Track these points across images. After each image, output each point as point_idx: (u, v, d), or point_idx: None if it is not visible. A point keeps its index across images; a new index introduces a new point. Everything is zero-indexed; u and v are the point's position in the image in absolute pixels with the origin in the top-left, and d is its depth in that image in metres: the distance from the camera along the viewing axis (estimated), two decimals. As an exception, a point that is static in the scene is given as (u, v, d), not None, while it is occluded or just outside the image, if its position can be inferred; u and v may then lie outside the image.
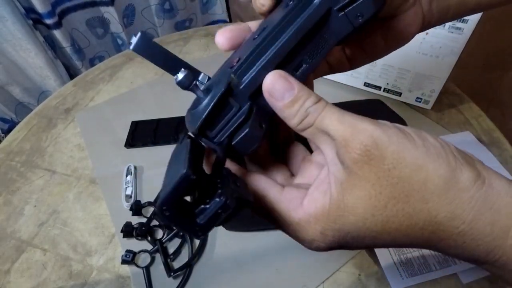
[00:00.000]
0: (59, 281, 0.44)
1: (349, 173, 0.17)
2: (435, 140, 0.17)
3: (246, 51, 0.19)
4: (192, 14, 1.26)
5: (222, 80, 0.19)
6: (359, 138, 0.16)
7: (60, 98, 0.71)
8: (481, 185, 0.16)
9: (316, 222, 0.18)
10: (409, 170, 0.16)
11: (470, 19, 0.48)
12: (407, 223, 0.16)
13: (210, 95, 0.18)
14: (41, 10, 0.89)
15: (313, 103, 0.18)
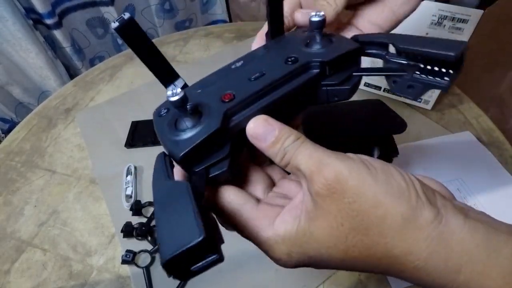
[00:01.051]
0: (59, 281, 0.44)
1: (315, 204, 0.18)
2: (400, 177, 0.18)
3: (241, 90, 0.21)
4: (192, 14, 1.26)
5: (213, 114, 0.20)
6: (322, 172, 0.18)
7: (60, 98, 0.71)
8: (437, 224, 0.17)
9: (283, 243, 0.19)
10: (368, 205, 0.17)
11: (470, 19, 0.48)
12: (366, 253, 0.18)
13: (202, 127, 0.19)
14: (41, 10, 0.89)
15: (291, 142, 0.19)
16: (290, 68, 0.21)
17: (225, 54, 0.77)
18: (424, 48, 0.20)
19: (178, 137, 0.19)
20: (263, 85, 0.21)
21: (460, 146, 0.55)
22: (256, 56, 0.24)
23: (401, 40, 0.21)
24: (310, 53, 0.22)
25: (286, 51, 0.23)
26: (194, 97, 0.21)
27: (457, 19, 0.49)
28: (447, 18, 0.49)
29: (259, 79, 0.21)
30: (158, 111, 0.22)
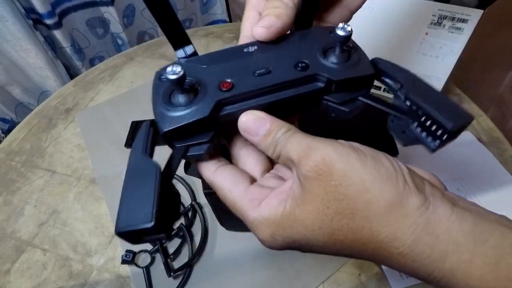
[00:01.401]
0: (59, 281, 0.44)
1: (302, 189, 0.18)
2: (389, 163, 0.18)
3: (242, 82, 0.21)
4: (192, 14, 1.26)
5: (207, 100, 0.20)
6: (311, 156, 0.18)
7: (60, 98, 0.71)
8: (424, 211, 0.17)
9: (267, 225, 0.20)
10: (354, 189, 0.17)
11: (470, 19, 0.48)
12: (351, 237, 0.18)
13: (191, 110, 0.20)
14: (41, 10, 0.89)
15: (282, 134, 0.20)
16: (296, 74, 0.21)
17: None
18: (429, 105, 0.19)
19: (168, 111, 0.20)
20: (264, 85, 0.20)
21: (460, 146, 0.55)
22: (270, 48, 0.22)
23: (413, 88, 0.21)
24: (322, 65, 0.21)
25: (300, 52, 0.22)
26: (196, 72, 0.21)
27: (457, 19, 0.49)
28: (447, 18, 0.49)
29: (262, 77, 0.21)
30: (160, 73, 0.22)
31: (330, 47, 0.22)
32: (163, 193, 0.17)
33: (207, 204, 0.41)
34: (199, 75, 0.21)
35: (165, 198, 0.17)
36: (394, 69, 0.22)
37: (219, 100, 0.20)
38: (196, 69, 0.21)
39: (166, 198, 0.18)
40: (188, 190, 0.51)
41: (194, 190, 0.51)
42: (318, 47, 0.22)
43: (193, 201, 0.49)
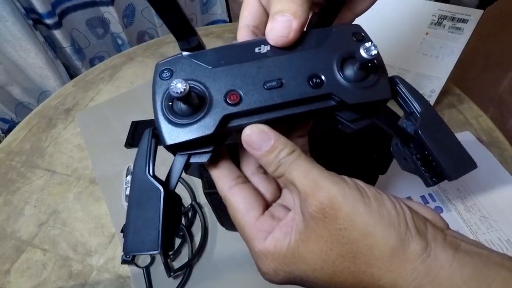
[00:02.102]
0: (59, 281, 0.44)
1: (306, 225, 0.18)
2: (392, 206, 0.18)
3: (250, 95, 0.19)
4: (192, 14, 1.26)
5: (212, 114, 0.18)
6: (317, 195, 0.18)
7: (60, 98, 0.71)
8: (426, 258, 0.17)
9: (272, 260, 0.20)
10: (358, 233, 0.17)
11: (470, 19, 0.48)
12: (351, 280, 0.18)
13: (195, 125, 0.18)
14: (41, 10, 0.89)
15: (286, 154, 0.19)
16: (310, 92, 0.19)
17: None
18: (436, 148, 0.19)
19: (171, 122, 0.19)
20: (275, 102, 0.19)
21: (460, 146, 0.55)
22: (284, 52, 0.20)
23: (426, 124, 0.20)
24: (338, 83, 0.19)
25: (316, 62, 0.20)
26: (201, 75, 0.19)
27: (457, 19, 0.49)
28: (447, 18, 0.49)
29: (273, 91, 0.19)
30: (160, 70, 0.20)
31: (349, 57, 0.20)
32: (168, 215, 0.18)
33: (207, 204, 0.41)
34: (204, 80, 0.19)
35: (170, 219, 0.18)
36: (412, 94, 0.21)
37: (225, 115, 0.19)
38: (200, 71, 0.19)
39: (170, 219, 0.18)
40: (188, 190, 0.51)
41: (194, 190, 0.51)
42: (336, 56, 0.20)
43: (193, 201, 0.49)
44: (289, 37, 0.19)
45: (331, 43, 0.20)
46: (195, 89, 0.19)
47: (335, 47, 0.20)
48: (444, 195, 0.49)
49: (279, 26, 0.19)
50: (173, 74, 0.20)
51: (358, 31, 0.21)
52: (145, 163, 0.20)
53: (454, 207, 0.47)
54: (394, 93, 0.21)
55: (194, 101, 0.18)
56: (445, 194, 0.49)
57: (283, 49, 0.20)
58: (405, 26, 0.53)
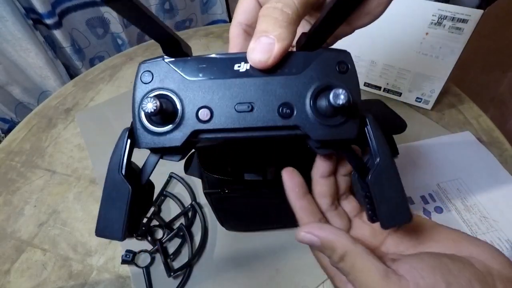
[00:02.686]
0: (59, 281, 0.44)
1: None
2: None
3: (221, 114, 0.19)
4: (192, 14, 1.26)
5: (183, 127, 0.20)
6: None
7: (60, 98, 0.71)
8: None
9: None
10: None
11: (470, 19, 0.48)
12: None
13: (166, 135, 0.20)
14: (41, 10, 0.89)
15: (339, 259, 0.20)
16: (277, 121, 0.20)
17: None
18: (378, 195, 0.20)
19: (145, 128, 0.20)
20: (242, 126, 0.20)
21: (460, 146, 0.55)
22: (261, 75, 0.20)
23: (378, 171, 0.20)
24: (306, 116, 0.20)
25: (290, 89, 0.20)
26: (178, 86, 0.20)
27: (457, 19, 0.49)
28: (447, 18, 0.49)
29: (243, 114, 0.20)
30: (142, 71, 0.20)
31: (325, 89, 0.19)
32: (133, 209, 0.20)
33: (207, 204, 0.41)
34: (180, 91, 0.20)
35: (136, 211, 0.21)
36: (376, 141, 0.20)
37: (195, 131, 0.20)
38: (177, 81, 0.20)
39: (137, 210, 0.21)
40: (188, 190, 0.51)
41: (194, 190, 0.51)
42: (312, 87, 0.20)
43: (193, 201, 0.49)
44: (268, 62, 0.19)
45: (312, 71, 0.20)
46: (168, 101, 0.20)
47: (315, 77, 0.20)
48: (444, 195, 0.49)
49: (260, 48, 0.19)
50: (153, 78, 0.20)
51: (344, 61, 0.20)
52: (119, 162, 0.21)
53: (454, 207, 0.47)
54: (361, 133, 0.20)
55: (166, 114, 0.19)
56: (445, 194, 0.49)
57: (263, 70, 0.20)
58: (405, 26, 0.53)
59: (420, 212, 0.47)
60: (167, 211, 0.50)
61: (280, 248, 0.45)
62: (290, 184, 0.24)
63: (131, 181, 0.21)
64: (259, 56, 0.19)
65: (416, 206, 0.48)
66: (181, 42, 0.20)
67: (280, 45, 0.19)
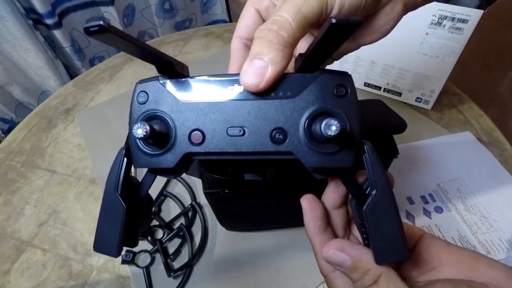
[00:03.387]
0: (59, 281, 0.44)
1: None
2: None
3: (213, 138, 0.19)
4: (192, 14, 1.26)
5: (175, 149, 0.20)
6: None
7: (60, 98, 0.71)
8: None
9: None
10: None
11: (470, 19, 0.48)
12: None
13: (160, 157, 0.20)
14: (41, 10, 0.89)
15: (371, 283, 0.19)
16: (269, 147, 0.19)
17: (225, 54, 0.77)
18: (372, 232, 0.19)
19: (140, 149, 0.20)
20: (233, 150, 0.19)
21: (460, 146, 0.55)
22: (254, 99, 0.19)
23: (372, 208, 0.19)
24: (300, 143, 0.19)
25: (283, 114, 0.19)
26: (172, 108, 0.20)
27: (457, 19, 0.49)
28: (447, 18, 0.49)
29: (235, 138, 0.19)
30: (138, 91, 0.21)
31: (320, 115, 0.19)
32: (127, 227, 0.21)
33: (207, 204, 0.41)
34: (173, 113, 0.20)
35: (131, 227, 0.21)
36: (374, 169, 0.19)
37: (187, 153, 0.20)
38: (171, 103, 0.20)
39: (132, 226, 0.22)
40: (188, 190, 0.51)
41: (194, 190, 0.51)
42: (306, 113, 0.19)
43: (193, 201, 0.49)
44: (259, 86, 0.18)
45: (308, 95, 0.19)
46: (162, 122, 0.20)
47: (310, 101, 0.19)
48: (444, 195, 0.49)
49: (252, 71, 0.18)
50: (148, 99, 0.21)
51: (343, 84, 0.19)
52: (115, 181, 0.21)
53: (454, 207, 0.47)
54: (358, 160, 0.19)
55: (158, 138, 0.19)
56: (445, 194, 0.49)
57: (256, 93, 0.19)
58: (405, 26, 0.53)
59: (420, 212, 0.47)
60: (167, 211, 0.50)
61: (280, 248, 0.45)
62: (311, 216, 0.22)
63: (129, 196, 0.21)
64: (251, 79, 0.18)
65: (416, 206, 0.48)
66: (175, 63, 0.20)
67: (273, 69, 0.18)
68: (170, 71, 0.20)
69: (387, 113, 0.39)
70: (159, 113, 0.20)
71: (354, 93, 0.19)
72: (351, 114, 0.18)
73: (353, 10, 0.21)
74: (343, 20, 0.14)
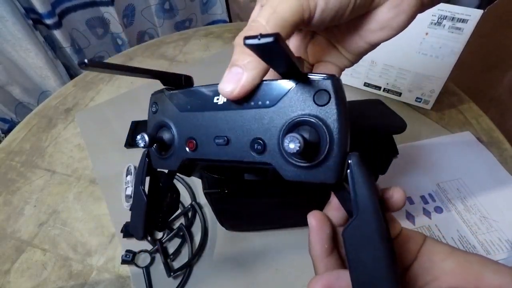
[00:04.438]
0: (59, 281, 0.44)
1: None
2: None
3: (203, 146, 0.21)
4: (192, 14, 1.26)
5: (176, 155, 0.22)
6: None
7: (60, 98, 0.71)
8: None
9: None
10: None
11: (470, 19, 0.48)
12: None
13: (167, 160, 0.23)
14: (41, 10, 0.89)
15: None
16: (250, 157, 0.19)
17: (225, 54, 0.77)
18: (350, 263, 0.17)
19: (154, 152, 0.23)
20: (221, 158, 0.20)
21: (460, 146, 0.55)
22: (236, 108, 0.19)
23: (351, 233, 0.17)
24: (278, 154, 0.18)
25: (263, 125, 0.18)
26: (171, 117, 0.22)
27: (457, 19, 0.49)
28: (446, 18, 0.49)
29: (221, 147, 0.20)
30: (151, 103, 0.24)
31: (296, 125, 0.17)
32: (149, 216, 0.24)
33: (207, 204, 0.41)
34: (174, 123, 0.22)
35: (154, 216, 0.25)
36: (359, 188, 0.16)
37: (185, 159, 0.22)
38: (172, 113, 0.22)
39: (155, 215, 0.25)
40: (188, 190, 0.51)
41: (194, 190, 0.51)
42: (282, 121, 0.18)
43: (193, 201, 0.49)
44: (234, 93, 0.18)
45: (286, 103, 0.18)
46: (169, 130, 0.22)
47: (288, 110, 0.18)
48: (444, 195, 0.49)
49: (228, 78, 0.18)
50: (157, 109, 0.23)
51: (325, 90, 0.17)
52: (141, 177, 0.24)
53: (454, 207, 0.47)
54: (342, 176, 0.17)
55: (161, 145, 0.22)
56: (445, 194, 0.49)
57: (237, 102, 0.19)
58: (405, 26, 0.53)
59: (420, 212, 0.47)
60: (167, 211, 0.50)
61: (280, 248, 0.45)
62: (318, 237, 0.20)
63: (154, 188, 0.25)
64: (226, 86, 0.18)
65: (416, 206, 0.48)
66: (171, 76, 0.22)
67: (247, 76, 0.17)
68: (172, 83, 0.22)
69: (387, 113, 0.39)
70: (164, 123, 0.22)
71: (339, 100, 0.17)
72: (333, 123, 0.16)
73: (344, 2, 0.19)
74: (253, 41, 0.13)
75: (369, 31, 0.22)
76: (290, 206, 0.40)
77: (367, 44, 0.23)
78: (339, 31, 0.24)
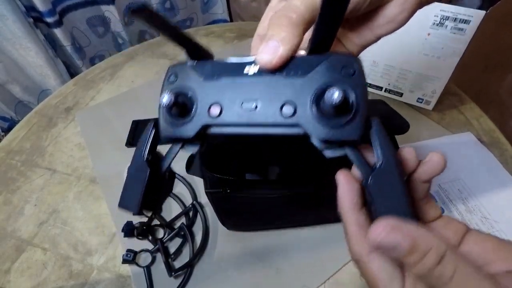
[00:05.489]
0: (59, 281, 0.44)
1: None
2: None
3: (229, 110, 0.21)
4: (193, 13, 1.25)
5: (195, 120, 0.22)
6: None
7: (60, 97, 0.71)
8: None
9: None
10: None
11: (472, 20, 0.48)
12: None
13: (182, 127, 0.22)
14: (41, 9, 0.89)
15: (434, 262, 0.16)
16: (278, 119, 0.20)
17: (225, 54, 0.77)
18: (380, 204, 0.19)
19: (166, 119, 0.23)
20: (247, 122, 0.21)
21: (461, 146, 0.55)
22: (267, 75, 0.21)
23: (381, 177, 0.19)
24: (308, 116, 0.20)
25: (294, 89, 0.20)
26: (194, 85, 0.22)
27: (459, 19, 0.49)
28: (449, 19, 0.49)
29: (247, 110, 0.21)
30: (169, 75, 0.24)
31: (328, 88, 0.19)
32: (149, 188, 0.23)
33: (208, 204, 0.41)
34: (196, 89, 0.22)
35: (151, 191, 0.23)
36: (381, 142, 0.20)
37: (205, 125, 0.21)
38: (195, 81, 0.22)
39: (152, 191, 0.23)
40: (189, 190, 0.51)
41: (195, 190, 0.51)
42: (314, 88, 0.20)
43: (194, 200, 0.49)
44: (273, 63, 0.20)
45: (317, 73, 0.20)
46: (187, 97, 0.22)
47: (319, 78, 0.20)
48: (445, 195, 0.49)
49: (266, 50, 0.20)
50: (177, 79, 0.23)
51: (351, 65, 0.20)
52: (143, 147, 0.23)
53: (455, 208, 0.47)
54: (366, 135, 0.20)
55: (181, 108, 0.22)
56: (446, 194, 0.49)
57: (270, 72, 0.21)
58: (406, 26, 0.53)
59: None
60: (168, 210, 0.50)
61: (281, 247, 0.45)
62: (347, 189, 0.21)
63: (153, 166, 0.23)
64: (265, 57, 0.20)
65: (417, 207, 0.48)
66: (202, 47, 0.22)
67: (284, 48, 0.20)
68: (198, 54, 0.23)
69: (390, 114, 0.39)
70: (185, 90, 0.22)
71: (361, 74, 0.20)
72: (358, 90, 0.19)
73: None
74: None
75: (377, 25, 0.25)
76: (292, 206, 0.40)
77: (374, 37, 0.25)
78: (349, 23, 0.26)
